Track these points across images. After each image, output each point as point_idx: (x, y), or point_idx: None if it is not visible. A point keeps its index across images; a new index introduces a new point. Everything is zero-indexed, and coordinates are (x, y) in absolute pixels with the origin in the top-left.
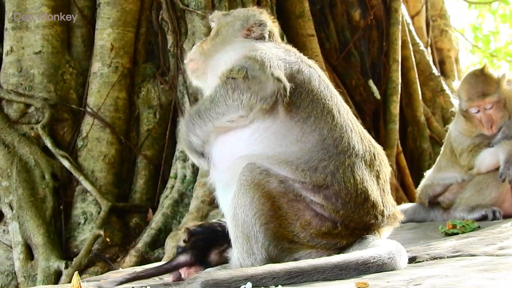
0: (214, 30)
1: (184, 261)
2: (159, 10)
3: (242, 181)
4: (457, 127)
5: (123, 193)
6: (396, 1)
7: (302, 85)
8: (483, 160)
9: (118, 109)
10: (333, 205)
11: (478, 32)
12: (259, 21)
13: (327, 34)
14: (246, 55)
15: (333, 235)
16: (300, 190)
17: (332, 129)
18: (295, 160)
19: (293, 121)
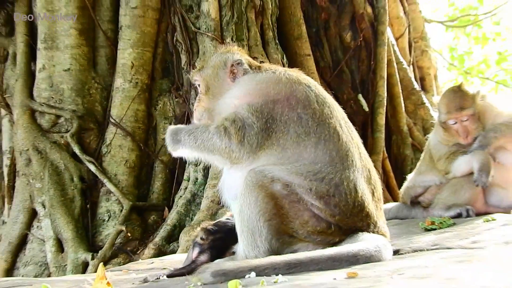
0: (203, 86)
1: (204, 261)
2: (174, 32)
3: (248, 181)
4: (436, 137)
5: (142, 193)
6: (382, 25)
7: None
8: (458, 166)
9: (138, 119)
10: (331, 211)
11: (454, 52)
12: (235, 61)
13: (322, 53)
14: (236, 104)
15: (328, 234)
16: (303, 194)
17: (339, 149)
18: (304, 173)
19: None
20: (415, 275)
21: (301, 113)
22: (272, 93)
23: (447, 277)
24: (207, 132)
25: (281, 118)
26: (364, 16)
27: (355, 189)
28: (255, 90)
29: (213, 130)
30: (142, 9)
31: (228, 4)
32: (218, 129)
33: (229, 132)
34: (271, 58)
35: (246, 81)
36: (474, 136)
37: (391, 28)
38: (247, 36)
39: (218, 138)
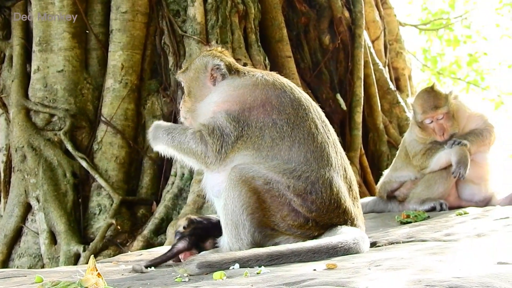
0: (186, 88)
1: (182, 247)
2: (162, 35)
3: (232, 177)
4: (412, 135)
5: (131, 188)
6: (359, 28)
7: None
8: (438, 159)
9: (128, 118)
10: (308, 207)
11: (427, 54)
12: (215, 65)
13: (302, 55)
14: (215, 111)
15: (306, 228)
16: (283, 190)
17: (314, 151)
18: (282, 170)
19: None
20: (392, 266)
21: (276, 119)
22: (248, 100)
23: (421, 268)
24: (184, 135)
25: (256, 124)
26: (342, 20)
27: (330, 187)
28: (232, 97)
29: (190, 134)
30: (131, 13)
31: (213, 9)
32: (195, 135)
33: (206, 140)
34: (254, 60)
35: (225, 87)
36: (450, 133)
37: (368, 31)
38: (231, 39)
39: (194, 143)
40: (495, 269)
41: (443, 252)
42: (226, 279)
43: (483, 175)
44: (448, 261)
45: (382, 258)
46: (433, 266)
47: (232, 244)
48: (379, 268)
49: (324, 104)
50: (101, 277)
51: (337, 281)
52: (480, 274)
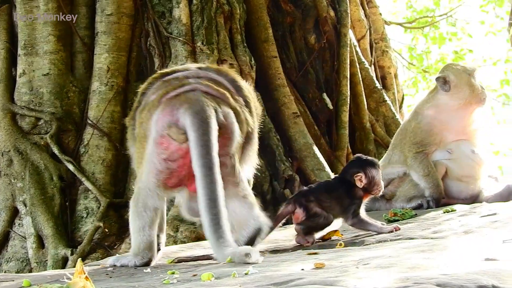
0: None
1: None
2: (147, 37)
3: None
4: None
5: (119, 191)
6: (345, 27)
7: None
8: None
9: (114, 120)
10: None
11: (413, 52)
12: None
13: (288, 55)
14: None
15: None
16: None
17: None
18: None
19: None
20: (380, 264)
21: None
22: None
23: (409, 265)
24: None
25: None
26: (327, 19)
27: None
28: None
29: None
30: (117, 16)
31: (199, 10)
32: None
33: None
34: (240, 61)
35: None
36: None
37: (353, 30)
38: (216, 40)
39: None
40: (483, 265)
41: (431, 250)
42: (214, 280)
43: (470, 173)
44: (436, 258)
45: (370, 256)
46: (420, 264)
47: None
48: (367, 266)
49: (311, 103)
50: (89, 280)
51: (325, 280)
52: (468, 271)
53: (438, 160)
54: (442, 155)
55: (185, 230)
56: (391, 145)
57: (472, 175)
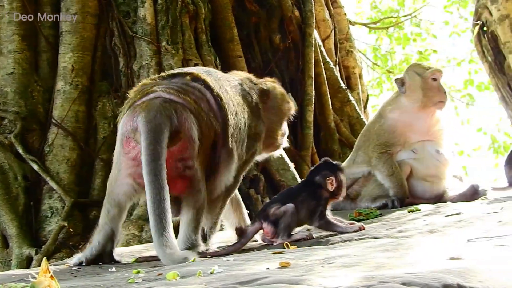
0: None
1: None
2: (112, 37)
3: None
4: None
5: (83, 190)
6: (309, 27)
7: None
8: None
9: (79, 120)
10: None
11: (377, 52)
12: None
13: (253, 55)
14: None
15: None
16: None
17: None
18: None
19: None
20: (345, 263)
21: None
22: None
23: (374, 264)
24: None
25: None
26: (292, 19)
27: None
28: None
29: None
30: (81, 15)
31: (163, 10)
32: None
33: None
34: (205, 60)
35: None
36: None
37: (318, 30)
38: (181, 39)
39: None
40: (448, 264)
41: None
42: (179, 279)
43: (435, 172)
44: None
45: (335, 255)
46: (385, 263)
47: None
48: (332, 265)
49: None
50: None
51: (290, 279)
52: (433, 270)
53: (403, 160)
54: (407, 155)
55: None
56: (355, 145)
57: (437, 175)
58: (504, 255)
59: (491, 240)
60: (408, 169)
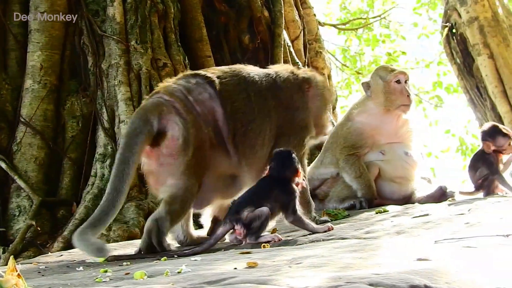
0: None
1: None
2: (81, 35)
3: None
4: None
5: (51, 189)
6: (279, 28)
7: None
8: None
9: (47, 119)
10: None
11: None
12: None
13: (222, 55)
14: None
15: None
16: None
17: None
18: None
19: None
20: (312, 264)
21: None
22: None
23: (342, 265)
24: None
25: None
26: (261, 20)
27: None
28: None
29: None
30: (50, 13)
31: (133, 9)
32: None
33: None
34: (174, 60)
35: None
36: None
37: (287, 31)
38: (150, 39)
39: None
40: (415, 265)
41: (363, 250)
42: (147, 278)
43: (403, 174)
44: (368, 258)
45: (303, 256)
46: (353, 263)
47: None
48: (300, 265)
49: None
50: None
51: (258, 279)
52: (400, 271)
53: (372, 161)
54: (375, 156)
55: (118, 229)
56: (323, 147)
57: (405, 176)
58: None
59: (458, 241)
60: (377, 170)
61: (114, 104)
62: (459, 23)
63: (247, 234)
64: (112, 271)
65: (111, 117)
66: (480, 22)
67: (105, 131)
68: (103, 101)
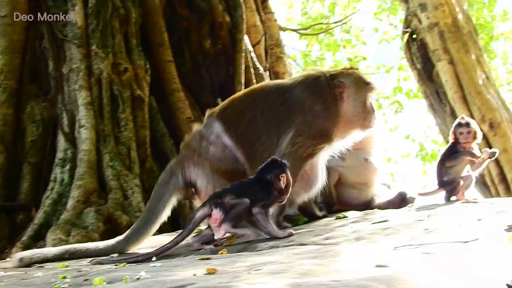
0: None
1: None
2: (42, 40)
3: None
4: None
5: (10, 194)
6: (240, 33)
7: None
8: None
9: (7, 123)
10: None
11: (308, 58)
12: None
13: (183, 60)
14: None
15: None
16: None
17: None
18: None
19: None
20: (272, 270)
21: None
22: None
23: (301, 272)
24: None
25: None
26: (223, 25)
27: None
28: None
29: None
30: (11, 17)
31: (94, 13)
32: None
33: None
34: (135, 64)
35: None
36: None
37: (248, 36)
38: (112, 43)
39: None
40: (374, 272)
41: (323, 256)
42: (106, 284)
43: (363, 180)
44: (328, 264)
45: (262, 262)
46: (312, 270)
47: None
48: (259, 272)
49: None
50: None
51: (217, 285)
52: (359, 277)
53: (332, 167)
54: (336, 162)
55: (77, 234)
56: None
57: (365, 182)
58: (429, 262)
59: (417, 247)
60: (337, 176)
61: (74, 109)
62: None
63: (224, 220)
64: (71, 277)
65: (71, 122)
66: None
67: (65, 136)
68: (63, 106)
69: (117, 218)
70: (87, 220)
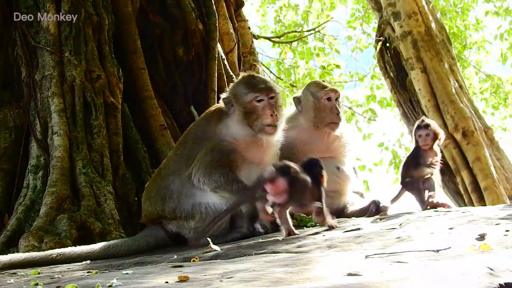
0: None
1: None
2: (15, 46)
3: None
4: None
5: None
6: (213, 41)
7: None
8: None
9: None
10: None
11: (281, 66)
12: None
13: (156, 67)
14: None
15: None
16: None
17: None
18: None
19: None
20: (244, 278)
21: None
22: None
23: (273, 280)
24: None
25: None
26: (196, 32)
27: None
28: None
29: None
30: None
31: (67, 20)
32: None
33: None
34: (108, 72)
35: None
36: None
37: (222, 44)
38: (84, 50)
39: None
40: (345, 280)
41: (295, 264)
42: None
43: (335, 188)
44: (299, 272)
45: (234, 270)
46: (284, 278)
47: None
48: (231, 280)
49: (178, 116)
50: None
51: None
52: (330, 285)
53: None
54: None
55: (50, 241)
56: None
57: (337, 190)
58: (401, 271)
59: (389, 256)
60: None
61: (47, 116)
62: (392, 37)
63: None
64: (43, 284)
65: (44, 129)
66: (414, 37)
67: (38, 143)
68: (36, 112)
69: (90, 225)
70: (60, 227)
